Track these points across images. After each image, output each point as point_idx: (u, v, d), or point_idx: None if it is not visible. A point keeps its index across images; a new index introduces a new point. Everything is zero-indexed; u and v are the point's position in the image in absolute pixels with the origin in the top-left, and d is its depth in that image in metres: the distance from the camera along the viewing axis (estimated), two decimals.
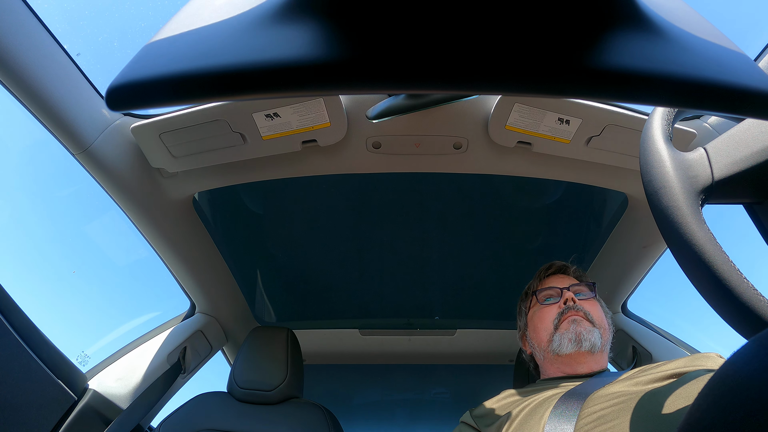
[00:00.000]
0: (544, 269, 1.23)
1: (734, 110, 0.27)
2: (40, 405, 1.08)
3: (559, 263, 1.22)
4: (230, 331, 1.79)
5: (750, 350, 0.30)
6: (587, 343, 1.00)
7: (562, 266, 1.21)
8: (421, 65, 0.24)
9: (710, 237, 0.42)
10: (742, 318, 0.41)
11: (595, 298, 1.13)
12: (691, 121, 1.15)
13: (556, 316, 1.07)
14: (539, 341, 1.10)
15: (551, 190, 1.53)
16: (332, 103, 1.04)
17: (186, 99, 0.26)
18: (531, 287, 1.22)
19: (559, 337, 1.04)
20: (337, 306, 1.94)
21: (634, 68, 0.24)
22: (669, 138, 0.49)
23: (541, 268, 1.24)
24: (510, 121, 1.07)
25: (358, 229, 1.64)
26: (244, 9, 0.27)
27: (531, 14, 0.24)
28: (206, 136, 1.09)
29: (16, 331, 1.02)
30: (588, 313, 1.06)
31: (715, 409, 0.30)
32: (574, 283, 1.15)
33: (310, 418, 1.37)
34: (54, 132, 1.00)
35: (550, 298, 1.13)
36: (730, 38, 0.30)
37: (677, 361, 0.81)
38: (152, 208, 1.25)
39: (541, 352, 1.10)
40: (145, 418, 1.35)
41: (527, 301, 1.20)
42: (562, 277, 1.18)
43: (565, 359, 1.03)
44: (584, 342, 1.00)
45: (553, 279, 1.18)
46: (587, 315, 1.05)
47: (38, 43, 0.92)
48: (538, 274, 1.22)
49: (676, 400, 0.64)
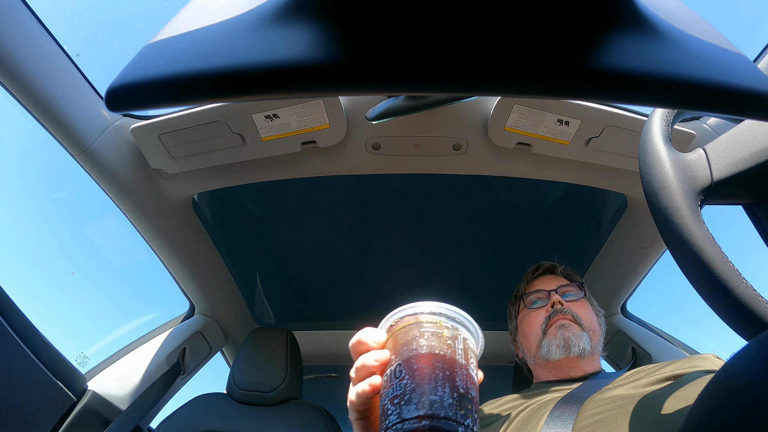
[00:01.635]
0: (531, 271, 1.19)
1: (733, 111, 0.27)
2: (39, 406, 1.08)
3: (546, 264, 1.19)
4: (229, 332, 1.79)
5: (750, 352, 0.30)
6: (576, 348, 0.97)
7: (549, 266, 1.18)
8: (420, 66, 0.24)
9: (709, 238, 0.42)
10: (742, 319, 0.41)
11: (584, 298, 1.09)
12: (691, 122, 1.15)
13: (544, 320, 1.04)
14: (529, 347, 1.07)
15: (551, 192, 1.53)
16: (332, 104, 1.04)
17: (186, 100, 0.26)
18: (519, 290, 1.18)
19: (547, 343, 1.00)
20: (336, 307, 1.94)
21: (633, 69, 0.24)
22: (668, 139, 0.49)
23: (528, 270, 1.20)
24: (509, 123, 1.08)
25: (358, 230, 1.64)
26: (244, 10, 0.27)
27: (530, 15, 0.25)
28: (206, 137, 1.09)
29: (15, 332, 1.02)
30: (576, 316, 1.02)
31: (715, 411, 0.30)
32: (562, 284, 1.11)
33: (309, 419, 1.36)
34: (53, 133, 1.00)
35: (538, 301, 1.09)
36: (729, 39, 0.30)
37: (674, 363, 0.80)
38: (151, 209, 1.25)
39: (531, 357, 1.07)
40: (144, 419, 1.34)
41: (516, 305, 1.17)
42: (551, 278, 1.14)
43: (556, 365, 1.00)
44: (573, 347, 0.97)
45: (541, 281, 1.14)
46: (576, 318, 1.02)
47: (38, 44, 0.92)
48: (526, 277, 1.18)
49: (674, 402, 0.64)
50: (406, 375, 0.43)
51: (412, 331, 0.47)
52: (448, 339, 0.46)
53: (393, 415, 0.41)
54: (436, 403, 0.41)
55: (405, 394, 0.42)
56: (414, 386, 0.42)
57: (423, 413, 0.40)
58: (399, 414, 0.41)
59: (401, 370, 0.44)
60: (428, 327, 0.47)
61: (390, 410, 0.42)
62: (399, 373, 0.44)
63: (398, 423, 0.41)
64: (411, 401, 0.41)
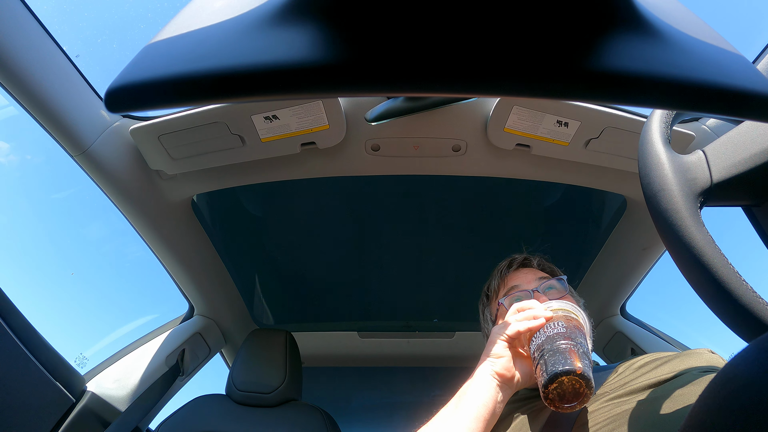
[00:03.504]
0: (504, 266, 1.03)
1: (733, 113, 0.27)
2: (38, 407, 1.07)
3: (520, 257, 1.04)
4: (229, 333, 1.79)
5: (750, 354, 0.30)
6: None
7: (524, 259, 1.03)
8: (419, 67, 0.24)
9: (709, 239, 0.42)
10: (742, 320, 0.41)
11: (568, 294, 0.93)
12: (690, 124, 1.16)
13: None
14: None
15: (550, 193, 1.53)
16: (331, 105, 1.04)
17: (185, 101, 0.26)
18: (491, 288, 1.03)
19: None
20: (335, 308, 1.94)
21: (632, 70, 0.24)
22: (667, 140, 0.49)
23: (499, 265, 1.04)
24: (509, 124, 1.08)
25: (357, 231, 1.64)
26: (244, 11, 0.27)
27: (529, 16, 0.25)
28: (205, 139, 1.09)
29: (14, 333, 1.02)
30: None
31: (716, 412, 0.30)
32: (542, 278, 0.96)
33: (308, 420, 1.36)
34: (53, 133, 1.00)
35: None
36: (728, 40, 0.30)
37: (671, 362, 0.77)
38: (151, 210, 1.25)
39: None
40: (143, 420, 1.34)
41: (490, 306, 1.02)
42: (527, 272, 0.99)
43: None
44: None
45: (516, 276, 0.99)
46: None
47: (37, 45, 0.92)
48: (498, 272, 1.02)
49: (674, 403, 0.64)
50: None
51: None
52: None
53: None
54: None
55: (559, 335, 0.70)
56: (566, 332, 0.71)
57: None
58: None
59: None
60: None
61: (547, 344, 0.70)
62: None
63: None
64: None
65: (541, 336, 0.71)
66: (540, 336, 0.72)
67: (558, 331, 0.70)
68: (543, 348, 0.69)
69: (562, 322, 0.72)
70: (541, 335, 0.71)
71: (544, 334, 0.71)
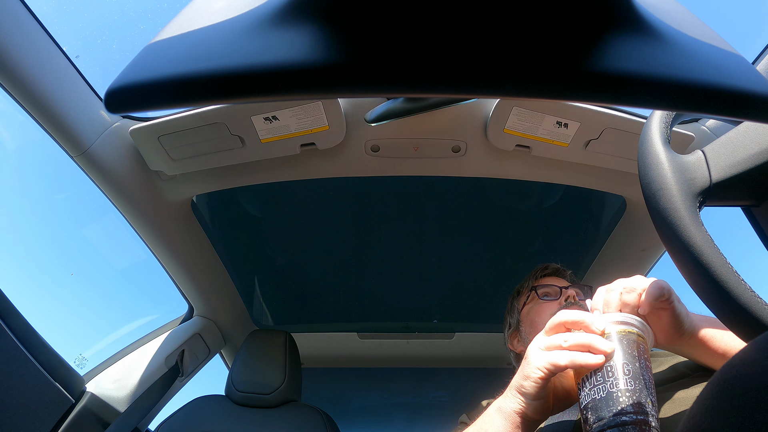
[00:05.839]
0: (540, 269, 1.16)
1: (732, 113, 0.28)
2: (37, 408, 1.07)
3: (554, 265, 1.17)
4: (228, 334, 1.79)
5: (749, 354, 0.30)
6: None
7: (557, 269, 1.16)
8: (419, 68, 0.24)
9: (708, 239, 0.42)
10: (740, 321, 0.41)
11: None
12: (689, 124, 1.16)
13: (557, 311, 1.01)
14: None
15: (550, 194, 1.53)
16: (331, 106, 1.04)
17: (185, 102, 0.26)
18: (527, 284, 1.15)
19: None
20: (335, 309, 1.94)
21: (632, 71, 0.24)
22: (667, 141, 0.50)
23: (537, 268, 1.17)
24: (508, 125, 1.08)
25: (357, 232, 1.64)
26: (244, 11, 0.27)
27: (529, 17, 0.25)
28: (205, 139, 1.08)
29: (13, 334, 1.02)
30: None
31: (714, 413, 0.30)
32: (571, 285, 1.10)
33: (308, 421, 1.36)
34: (52, 134, 1.00)
35: (548, 296, 1.08)
36: (727, 41, 0.30)
37: (666, 361, 0.78)
38: (150, 211, 1.25)
39: None
40: (142, 421, 1.34)
41: (522, 297, 1.14)
42: (558, 279, 1.13)
43: None
44: None
45: (549, 279, 1.13)
46: None
47: (37, 45, 0.92)
48: (534, 274, 1.16)
49: (674, 404, 0.64)
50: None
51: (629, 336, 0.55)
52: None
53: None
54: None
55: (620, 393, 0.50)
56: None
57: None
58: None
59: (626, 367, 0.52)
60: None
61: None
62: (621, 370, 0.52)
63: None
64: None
65: (597, 390, 0.51)
66: (594, 389, 0.51)
67: (621, 387, 0.49)
68: (599, 416, 0.49)
69: (626, 362, 0.51)
70: (597, 387, 0.51)
71: (600, 387, 0.51)
